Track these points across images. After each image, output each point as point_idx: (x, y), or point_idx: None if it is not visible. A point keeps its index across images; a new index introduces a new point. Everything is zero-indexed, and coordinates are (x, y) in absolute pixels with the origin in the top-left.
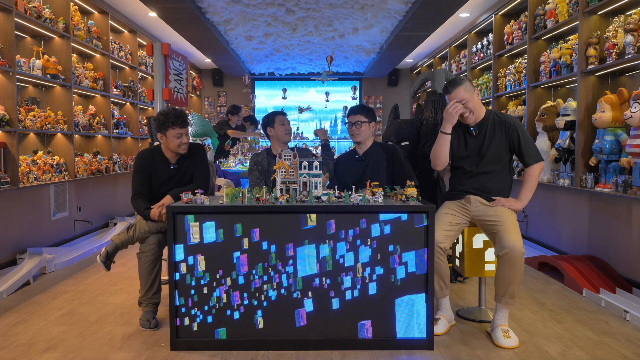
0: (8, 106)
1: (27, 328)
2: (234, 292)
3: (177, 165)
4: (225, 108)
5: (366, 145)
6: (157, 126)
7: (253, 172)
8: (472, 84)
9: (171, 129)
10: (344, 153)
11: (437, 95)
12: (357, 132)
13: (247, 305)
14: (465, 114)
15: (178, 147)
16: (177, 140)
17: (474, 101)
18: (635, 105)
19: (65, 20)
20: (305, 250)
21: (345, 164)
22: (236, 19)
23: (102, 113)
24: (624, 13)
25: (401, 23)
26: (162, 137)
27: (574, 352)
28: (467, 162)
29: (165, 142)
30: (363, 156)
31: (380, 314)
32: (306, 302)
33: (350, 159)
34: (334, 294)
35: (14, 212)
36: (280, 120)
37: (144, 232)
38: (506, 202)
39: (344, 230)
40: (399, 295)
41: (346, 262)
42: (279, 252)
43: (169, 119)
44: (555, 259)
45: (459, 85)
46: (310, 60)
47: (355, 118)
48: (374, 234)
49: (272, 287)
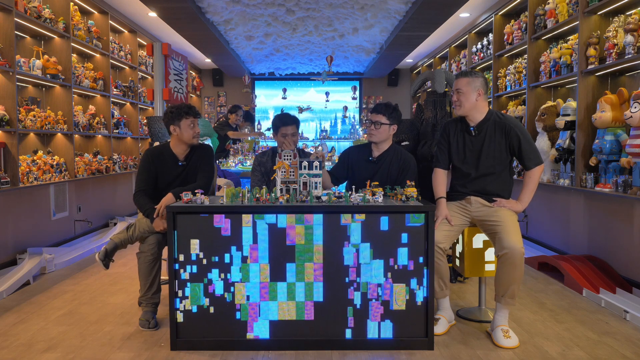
0: (8, 106)
1: (27, 328)
2: (234, 292)
3: (185, 162)
4: (225, 108)
5: (382, 148)
6: (169, 119)
7: (255, 173)
8: (483, 84)
9: (185, 118)
10: (359, 146)
11: (437, 95)
12: (375, 132)
13: (248, 305)
14: (456, 105)
15: (192, 138)
16: (190, 130)
17: (469, 98)
18: (635, 105)
19: (65, 20)
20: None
21: (357, 161)
22: (236, 19)
23: (102, 113)
24: (624, 13)
25: (401, 23)
26: (175, 129)
27: (574, 352)
28: (467, 164)
29: (179, 134)
30: (377, 159)
31: (381, 313)
32: (306, 302)
33: (362, 157)
34: (334, 293)
35: (14, 212)
36: (283, 133)
37: (144, 231)
38: (507, 203)
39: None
40: (398, 295)
41: (346, 261)
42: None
43: (182, 109)
44: (555, 259)
45: (465, 77)
46: (310, 60)
47: (376, 117)
48: (374, 234)
49: (272, 286)
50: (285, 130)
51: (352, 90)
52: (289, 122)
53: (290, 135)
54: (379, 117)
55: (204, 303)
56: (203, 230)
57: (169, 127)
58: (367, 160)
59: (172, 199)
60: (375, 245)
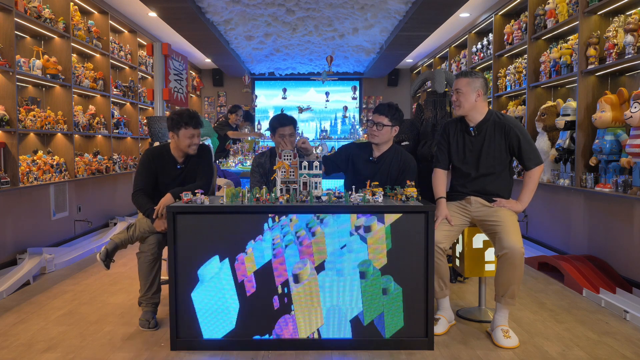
0: (8, 106)
1: (27, 328)
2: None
3: (183, 165)
4: (225, 108)
5: (383, 148)
6: (169, 125)
7: (255, 174)
8: (483, 85)
9: (184, 128)
10: (360, 144)
11: (437, 95)
12: (377, 133)
13: (248, 305)
14: (455, 105)
15: (188, 147)
16: (188, 140)
17: (468, 98)
18: (635, 105)
19: (65, 20)
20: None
21: (358, 159)
22: (236, 19)
23: (102, 113)
24: (624, 13)
25: (401, 23)
26: (173, 135)
27: (574, 352)
28: (467, 165)
29: (176, 141)
30: (377, 159)
31: (381, 313)
32: (307, 302)
33: (363, 156)
34: (334, 293)
35: (14, 212)
36: (280, 134)
37: (144, 231)
38: (507, 203)
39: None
40: (398, 295)
41: (346, 261)
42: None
43: (183, 118)
44: (555, 259)
45: (465, 77)
46: (310, 60)
47: (378, 118)
48: (375, 234)
49: (273, 286)
50: (282, 131)
51: (352, 90)
52: (286, 123)
53: (287, 136)
54: (382, 119)
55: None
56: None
57: (169, 133)
58: (367, 160)
59: (171, 199)
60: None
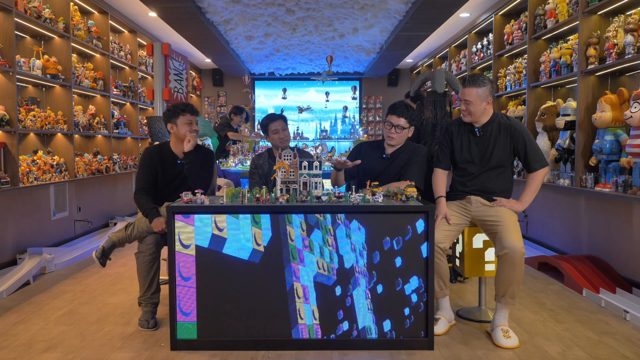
0: (8, 106)
1: (27, 328)
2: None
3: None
4: (225, 108)
5: (396, 146)
6: (167, 117)
7: (253, 176)
8: (491, 91)
9: (182, 115)
10: (370, 142)
11: (437, 95)
12: (395, 136)
13: (248, 305)
14: (464, 113)
15: (188, 134)
16: (187, 127)
17: (478, 107)
18: (635, 105)
19: (65, 20)
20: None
21: (370, 156)
22: (236, 19)
23: (102, 113)
24: (624, 13)
25: (401, 23)
26: (172, 127)
27: (574, 352)
28: (471, 165)
29: (176, 132)
30: (390, 156)
31: (381, 313)
32: (307, 302)
33: (375, 153)
34: (334, 293)
35: (14, 212)
36: (274, 129)
37: (142, 231)
38: (507, 203)
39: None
40: (398, 295)
41: (346, 262)
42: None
43: (179, 106)
44: (555, 259)
45: (474, 87)
46: (310, 60)
47: (398, 121)
48: (375, 234)
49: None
50: (274, 126)
51: (352, 90)
52: (275, 118)
53: (281, 130)
54: (400, 121)
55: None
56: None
57: (167, 126)
58: (380, 157)
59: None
60: (375, 245)
